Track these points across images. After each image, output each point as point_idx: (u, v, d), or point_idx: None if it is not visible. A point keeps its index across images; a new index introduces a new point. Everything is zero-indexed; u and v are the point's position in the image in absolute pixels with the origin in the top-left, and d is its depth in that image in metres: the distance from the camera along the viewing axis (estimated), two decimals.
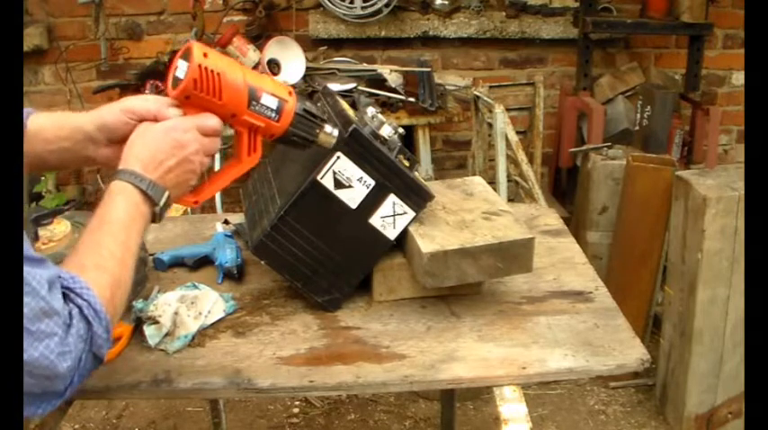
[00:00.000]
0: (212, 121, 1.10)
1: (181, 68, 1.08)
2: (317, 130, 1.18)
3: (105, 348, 0.97)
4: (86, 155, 1.15)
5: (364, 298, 1.39)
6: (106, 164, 1.15)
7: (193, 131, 1.08)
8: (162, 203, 1.05)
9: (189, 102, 1.09)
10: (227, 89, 1.08)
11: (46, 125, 1.15)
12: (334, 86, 2.65)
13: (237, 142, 1.16)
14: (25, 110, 1.20)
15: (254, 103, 1.12)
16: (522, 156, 2.73)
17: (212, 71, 1.07)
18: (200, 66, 1.06)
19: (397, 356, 1.22)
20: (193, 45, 1.08)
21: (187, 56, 1.08)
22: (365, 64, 3.06)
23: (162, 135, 1.07)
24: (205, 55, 1.07)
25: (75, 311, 0.91)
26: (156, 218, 1.06)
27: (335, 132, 1.21)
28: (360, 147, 1.25)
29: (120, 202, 1.02)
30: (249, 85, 1.11)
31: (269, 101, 1.13)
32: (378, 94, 2.76)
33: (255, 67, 2.78)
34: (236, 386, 1.16)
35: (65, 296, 0.90)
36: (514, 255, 1.31)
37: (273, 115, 1.14)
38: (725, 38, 3.45)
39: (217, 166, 2.72)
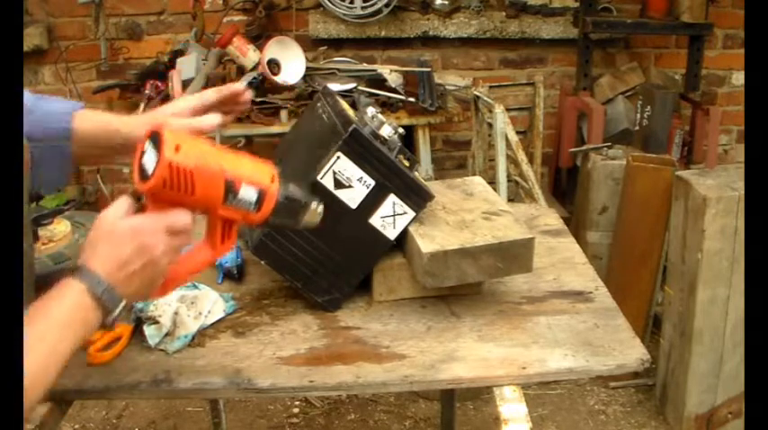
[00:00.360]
0: (182, 221, 0.99)
1: (149, 158, 0.95)
2: (300, 216, 1.08)
3: None
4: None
5: (364, 298, 1.39)
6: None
7: (161, 233, 0.98)
8: (116, 314, 0.96)
9: (157, 197, 0.97)
10: (201, 185, 0.96)
11: (89, 128, 1.18)
12: (334, 86, 2.65)
13: (210, 229, 1.05)
14: (75, 104, 1.23)
15: (230, 196, 1.00)
16: (522, 156, 2.73)
17: (184, 169, 0.94)
18: (170, 164, 0.93)
19: (397, 356, 1.22)
20: (165, 133, 0.95)
21: (156, 142, 0.95)
22: (365, 64, 3.06)
23: (128, 239, 0.96)
24: (177, 148, 0.94)
25: None
26: (106, 325, 0.97)
27: (321, 208, 1.11)
28: (360, 147, 1.25)
29: (68, 301, 0.92)
30: (227, 178, 0.99)
31: (248, 193, 1.01)
32: (378, 94, 2.76)
33: (255, 68, 2.78)
34: (236, 386, 1.16)
35: None
36: (514, 255, 1.31)
37: (252, 208, 1.02)
38: (725, 38, 3.45)
39: None
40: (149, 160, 0.95)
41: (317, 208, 1.10)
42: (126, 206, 0.99)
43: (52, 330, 0.90)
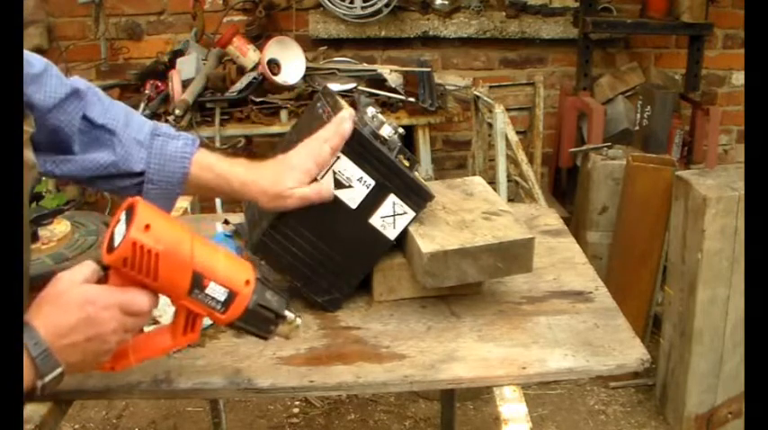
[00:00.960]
0: (139, 303, 0.94)
1: (119, 233, 0.91)
2: (272, 327, 1.03)
3: None
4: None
5: (364, 298, 1.39)
6: None
7: (114, 309, 0.92)
8: (48, 379, 0.90)
9: (119, 272, 0.93)
10: (165, 271, 0.91)
11: (208, 179, 1.20)
12: (334, 86, 2.65)
13: (175, 316, 1.00)
14: (190, 140, 1.20)
15: (196, 291, 0.95)
16: (522, 156, 2.73)
17: (149, 251, 0.89)
18: (134, 243, 0.89)
19: (397, 356, 1.22)
20: (138, 208, 0.91)
21: (129, 217, 0.90)
22: (365, 64, 3.06)
23: (75, 307, 0.91)
24: (146, 227, 0.89)
25: None
26: (36, 390, 0.90)
27: (299, 321, 1.06)
28: (360, 147, 1.25)
29: None
30: (195, 270, 0.94)
31: (216, 291, 0.96)
32: (378, 94, 2.76)
33: (255, 68, 2.78)
34: (236, 386, 1.16)
35: None
36: (514, 255, 1.31)
37: (219, 307, 0.97)
38: (725, 38, 3.46)
39: None
40: (119, 233, 0.91)
41: (294, 321, 1.05)
42: (88, 272, 0.94)
43: None
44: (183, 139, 1.20)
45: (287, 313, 1.04)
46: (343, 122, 1.20)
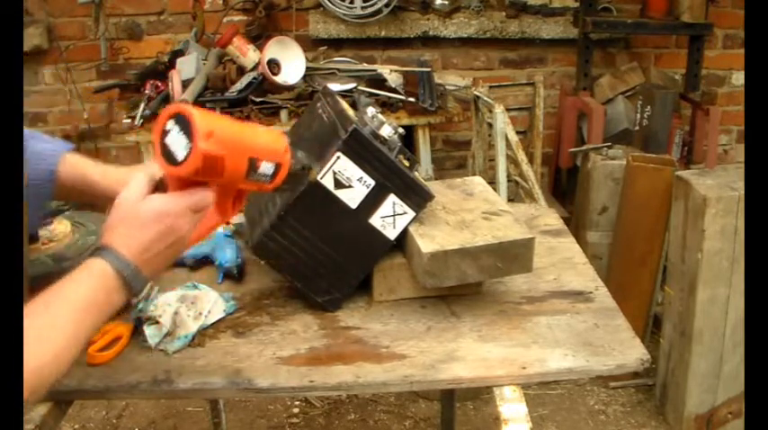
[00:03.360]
0: (207, 199, 1.00)
1: (176, 141, 0.93)
2: (305, 179, 1.15)
3: None
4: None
5: (364, 298, 1.39)
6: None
7: (187, 213, 0.98)
8: (143, 294, 0.97)
9: (179, 179, 0.97)
10: (230, 168, 0.96)
11: (70, 174, 1.20)
12: (334, 86, 2.65)
13: (222, 198, 1.05)
14: (66, 145, 1.22)
15: (251, 172, 1.01)
16: (522, 156, 2.73)
17: (216, 156, 0.93)
18: (204, 154, 0.91)
19: (397, 356, 1.22)
20: (195, 118, 0.92)
21: (184, 126, 0.92)
22: (365, 64, 3.06)
23: (152, 222, 0.96)
24: (209, 135, 0.92)
25: None
26: (132, 305, 0.98)
27: (318, 167, 1.20)
28: (360, 147, 1.25)
29: (92, 282, 0.92)
30: (250, 156, 1.00)
31: (266, 168, 1.02)
32: (378, 94, 2.76)
33: (255, 68, 2.78)
34: (236, 386, 1.16)
35: None
36: (514, 255, 1.31)
37: (267, 180, 1.04)
38: (725, 38, 3.45)
39: None
40: (176, 143, 0.92)
41: (315, 168, 1.18)
42: (144, 186, 0.98)
43: (76, 310, 0.90)
44: (57, 143, 1.23)
45: (312, 164, 1.14)
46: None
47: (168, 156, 0.94)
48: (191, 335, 1.25)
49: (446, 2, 3.28)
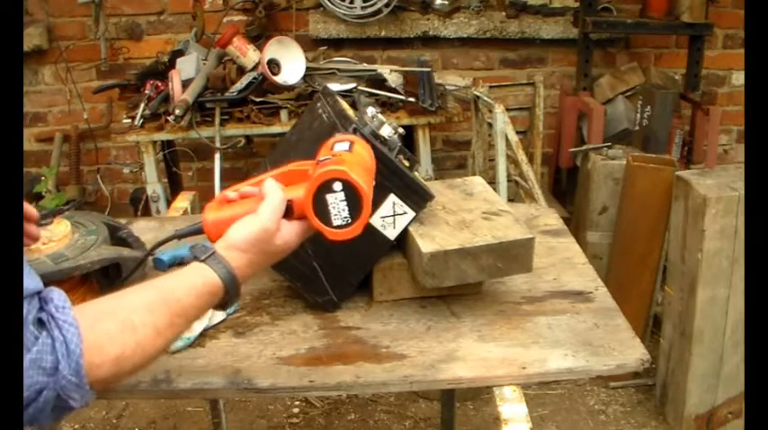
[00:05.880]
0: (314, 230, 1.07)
1: (336, 208, 1.01)
2: None
3: (74, 396, 0.85)
4: None
5: (364, 298, 1.39)
6: None
7: (302, 236, 1.08)
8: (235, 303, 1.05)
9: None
10: None
11: None
12: (334, 86, 2.65)
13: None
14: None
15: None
16: (522, 156, 2.73)
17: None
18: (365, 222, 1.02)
19: (397, 356, 1.22)
20: (365, 203, 1.01)
21: (352, 202, 1.01)
22: (365, 64, 3.06)
23: (280, 253, 1.05)
24: (366, 218, 1.02)
25: (46, 341, 0.83)
26: (224, 308, 1.04)
27: None
28: None
29: (197, 291, 0.97)
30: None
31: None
32: (378, 94, 2.76)
33: (255, 68, 2.78)
34: (236, 386, 1.16)
35: (42, 322, 0.84)
36: (514, 255, 1.31)
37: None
38: (725, 38, 3.45)
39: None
40: (336, 208, 1.01)
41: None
42: (282, 210, 1.04)
43: (171, 314, 0.93)
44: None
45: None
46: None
47: (320, 210, 1.01)
48: (193, 337, 1.25)
49: (446, 2, 3.28)
